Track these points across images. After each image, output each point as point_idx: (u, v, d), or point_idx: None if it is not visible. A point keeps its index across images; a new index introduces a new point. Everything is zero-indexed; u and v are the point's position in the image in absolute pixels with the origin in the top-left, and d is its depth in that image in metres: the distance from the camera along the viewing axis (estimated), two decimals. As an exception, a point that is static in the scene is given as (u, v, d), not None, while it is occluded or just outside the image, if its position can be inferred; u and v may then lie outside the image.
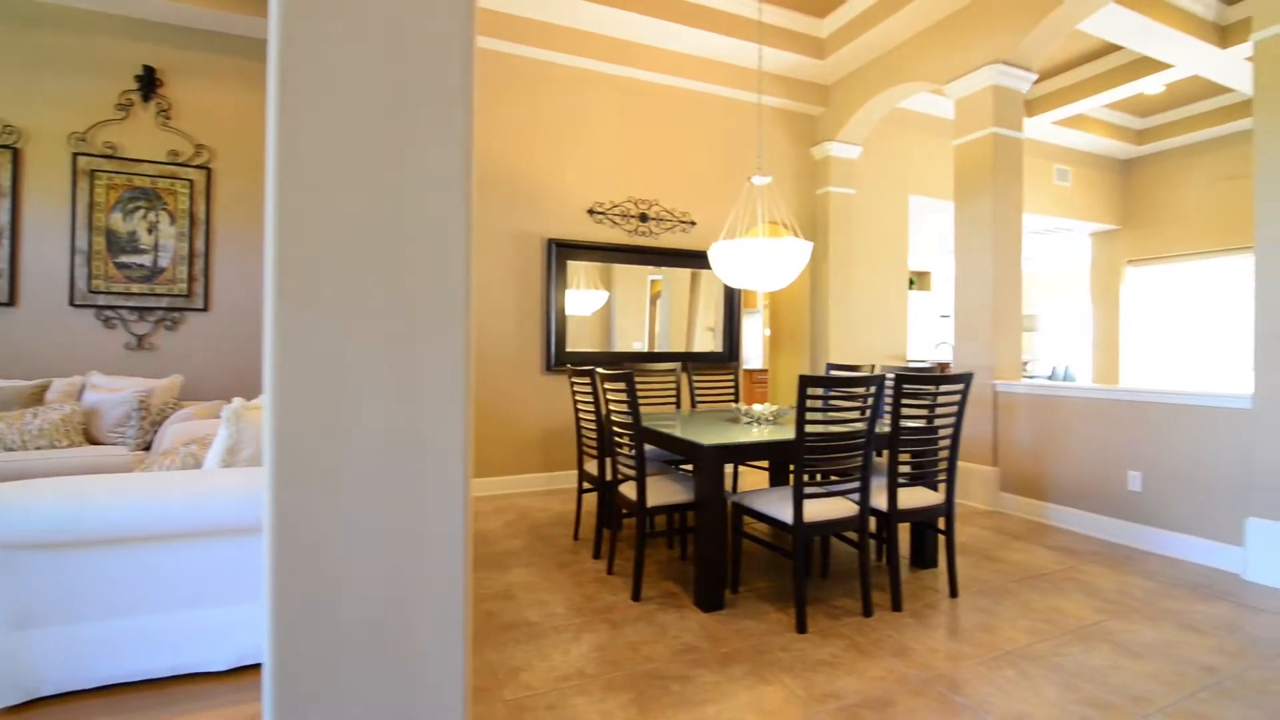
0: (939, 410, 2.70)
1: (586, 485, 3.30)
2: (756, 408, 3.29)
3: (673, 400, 3.95)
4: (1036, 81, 6.07)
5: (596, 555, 3.11)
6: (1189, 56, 4.96)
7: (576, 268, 4.69)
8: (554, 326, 4.52)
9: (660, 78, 4.87)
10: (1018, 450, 4.02)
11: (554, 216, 4.59)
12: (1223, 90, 6.19)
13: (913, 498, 2.67)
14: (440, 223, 1.05)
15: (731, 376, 4.12)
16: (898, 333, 6.00)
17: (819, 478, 3.44)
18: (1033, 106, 6.24)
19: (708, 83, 4.98)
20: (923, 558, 3.03)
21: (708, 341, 5.21)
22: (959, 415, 2.67)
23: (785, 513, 2.40)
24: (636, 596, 2.60)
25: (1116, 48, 5.34)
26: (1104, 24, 4.49)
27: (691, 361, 5.05)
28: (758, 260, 3.15)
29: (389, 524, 1.03)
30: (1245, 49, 4.82)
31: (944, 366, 6.79)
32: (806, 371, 5.71)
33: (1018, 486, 4.02)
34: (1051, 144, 7.09)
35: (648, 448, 3.61)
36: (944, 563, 3.07)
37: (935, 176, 6.16)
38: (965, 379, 2.63)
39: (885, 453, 2.88)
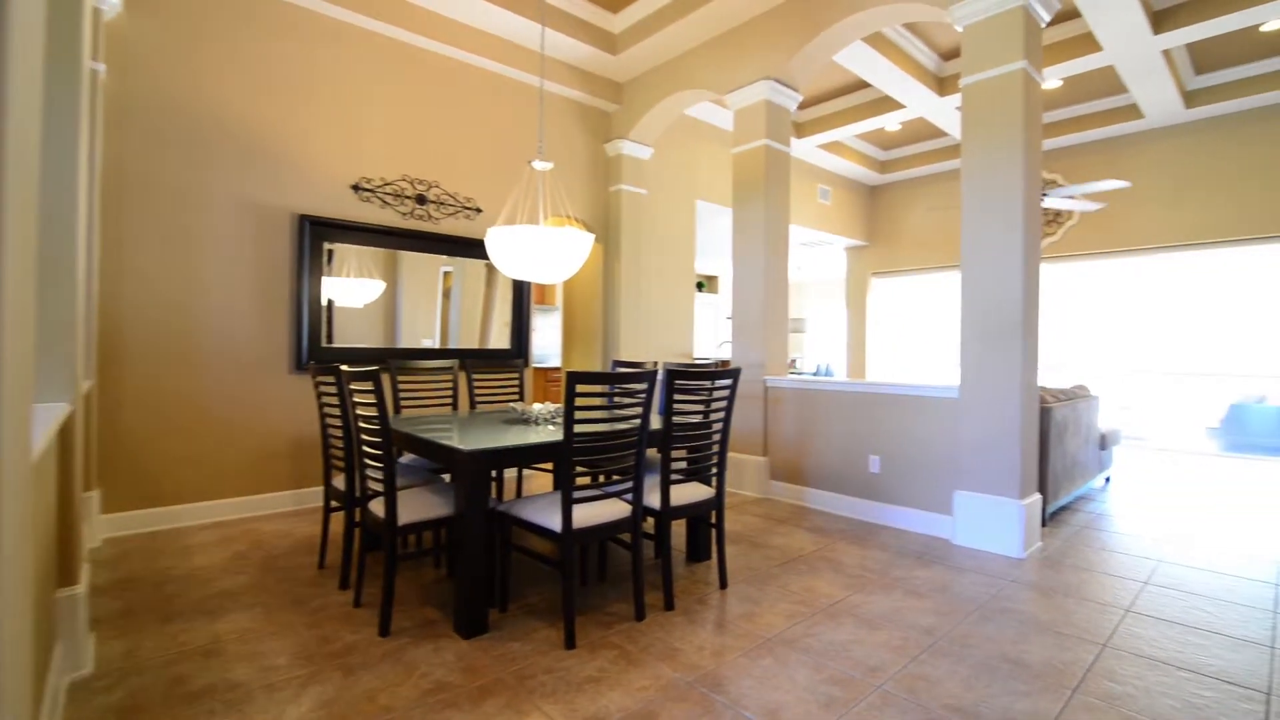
0: (713, 406, 2.73)
1: (335, 503, 2.81)
2: (536, 407, 3.09)
3: (449, 401, 3.59)
4: (806, 107, 6.73)
5: (344, 585, 2.65)
6: (917, 100, 5.82)
7: (345, 252, 4.09)
8: (308, 318, 3.87)
9: (442, 48, 4.45)
10: (784, 440, 4.33)
11: (308, 189, 3.93)
12: (941, 134, 7.42)
13: (686, 494, 2.66)
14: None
15: (516, 375, 3.87)
16: (685, 331, 6.23)
17: (601, 479, 3.34)
18: (802, 129, 6.91)
19: (495, 61, 4.67)
20: (697, 551, 3.07)
21: (505, 339, 4.91)
22: (728, 410, 2.72)
23: (554, 520, 2.22)
24: (385, 631, 2.23)
25: (867, 84, 6.10)
26: (855, 59, 5.06)
27: (481, 359, 4.70)
28: (537, 249, 2.94)
29: None
30: (957, 99, 5.79)
31: (725, 364, 7.24)
32: (599, 369, 5.67)
33: (784, 474, 4.33)
34: (817, 165, 7.95)
35: (411, 457, 3.22)
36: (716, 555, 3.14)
37: (720, 183, 6.52)
38: (733, 374, 2.68)
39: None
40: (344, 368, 2.39)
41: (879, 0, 3.74)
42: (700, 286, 10.59)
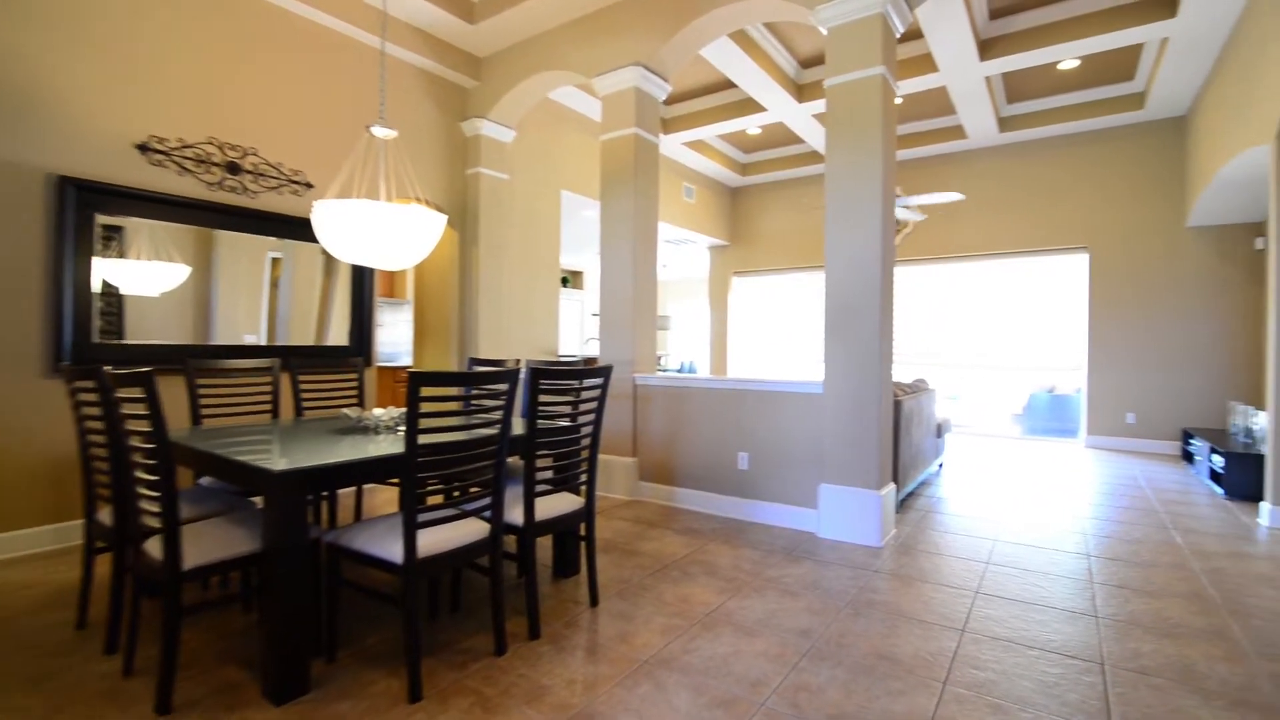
0: (583, 407, 2.49)
1: (102, 543, 2.20)
2: (378, 412, 2.65)
3: (269, 408, 3.02)
4: (672, 103, 6.69)
5: (112, 649, 2.07)
6: (777, 104, 5.99)
7: (136, 228, 3.32)
8: (72, 308, 3.07)
9: (261, -8, 3.77)
10: (654, 439, 4.20)
11: (73, 144, 3.11)
12: (798, 140, 7.76)
13: (554, 505, 2.39)
14: None
15: (354, 376, 3.36)
16: (550, 328, 5.94)
17: (456, 494, 2.97)
18: (669, 125, 6.88)
19: (330, 15, 4.06)
20: (565, 565, 2.81)
21: (346, 335, 4.30)
22: (599, 411, 2.49)
23: (394, 550, 1.85)
24: (165, 707, 1.73)
25: (731, 85, 6.17)
26: (722, 56, 5.06)
27: (318, 358, 4.07)
28: (376, 229, 2.50)
29: None
30: (813, 106, 6.03)
31: (592, 361, 7.04)
32: (455, 368, 5.21)
33: (654, 474, 4.20)
34: (682, 163, 7.99)
35: (211, 480, 2.66)
36: (586, 569, 2.91)
37: (586, 175, 6.29)
38: (604, 372, 2.45)
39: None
40: (108, 368, 1.84)
41: (747, -6, 3.71)
42: (565, 282, 10.31)
